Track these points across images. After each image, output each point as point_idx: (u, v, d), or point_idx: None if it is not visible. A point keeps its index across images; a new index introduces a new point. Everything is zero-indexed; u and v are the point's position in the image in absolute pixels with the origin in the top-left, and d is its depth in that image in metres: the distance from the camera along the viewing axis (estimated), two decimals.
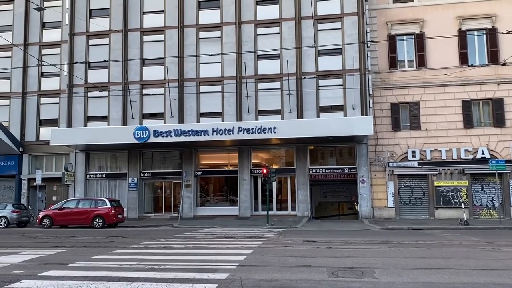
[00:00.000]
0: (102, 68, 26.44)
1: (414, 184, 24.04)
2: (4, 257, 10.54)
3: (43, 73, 28.34)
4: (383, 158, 24.05)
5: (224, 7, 25.76)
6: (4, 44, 27.34)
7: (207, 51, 25.24)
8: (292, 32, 24.87)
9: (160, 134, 23.34)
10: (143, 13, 26.63)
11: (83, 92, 26.55)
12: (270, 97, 24.93)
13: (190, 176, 25.41)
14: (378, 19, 25.12)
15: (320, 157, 25.37)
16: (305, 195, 24.39)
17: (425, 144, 23.86)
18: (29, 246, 13.10)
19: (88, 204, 21.84)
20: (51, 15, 27.74)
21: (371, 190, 23.98)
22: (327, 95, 24.45)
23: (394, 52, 24.91)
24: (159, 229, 19.98)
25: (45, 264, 9.29)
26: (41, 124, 28.06)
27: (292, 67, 24.48)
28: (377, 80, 24.59)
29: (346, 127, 22.21)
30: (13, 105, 28.27)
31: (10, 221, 22.52)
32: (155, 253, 11.13)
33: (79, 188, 26.27)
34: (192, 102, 25.49)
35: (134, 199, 25.87)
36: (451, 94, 24.01)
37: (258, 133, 22.52)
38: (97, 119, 26.47)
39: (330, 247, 11.93)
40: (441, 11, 24.59)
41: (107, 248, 12.30)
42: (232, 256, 10.14)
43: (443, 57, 24.15)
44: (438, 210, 23.43)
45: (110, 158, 26.97)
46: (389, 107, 24.50)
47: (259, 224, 20.63)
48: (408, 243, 13.03)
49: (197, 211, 25.54)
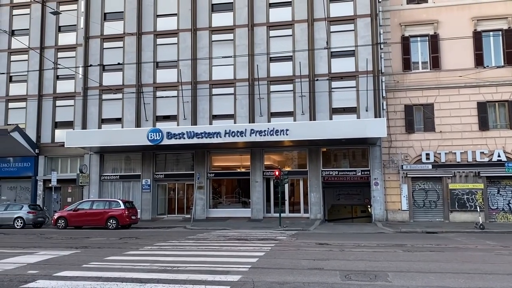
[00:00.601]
0: (116, 70, 26.76)
1: (428, 187, 23.78)
2: (20, 257, 10.70)
3: (59, 76, 28.75)
4: (396, 160, 23.83)
5: (237, 10, 25.85)
6: (21, 47, 27.85)
7: (220, 53, 25.34)
8: (305, 34, 24.83)
9: (173, 136, 23.48)
10: (156, 16, 26.87)
11: (97, 94, 26.87)
12: (282, 99, 24.91)
13: (202, 178, 25.52)
14: (392, 21, 24.95)
15: (333, 159, 25.26)
16: (318, 197, 24.29)
17: (439, 147, 23.60)
18: (45, 246, 13.28)
19: (102, 205, 22.06)
20: (66, 19, 28.15)
21: (384, 192, 23.78)
22: (340, 97, 24.34)
23: (407, 54, 24.70)
24: (172, 231, 20.09)
25: (59, 265, 9.41)
26: (56, 126, 28.46)
27: (305, 69, 24.44)
28: (390, 82, 24.41)
29: (359, 129, 22.07)
30: (29, 108, 28.74)
31: (26, 221, 22.88)
32: (168, 254, 11.19)
33: (94, 190, 26.57)
34: (205, 104, 25.61)
35: (147, 200, 26.06)
36: (466, 96, 23.71)
37: (270, 135, 22.52)
38: (111, 121, 26.78)
39: (343, 250, 11.86)
40: (456, 12, 24.32)
41: (120, 249, 12.41)
42: (245, 258, 10.14)
43: (458, 59, 23.87)
44: (452, 213, 23.13)
45: (124, 159, 27.23)
46: (403, 109, 24.29)
47: (271, 227, 20.60)
48: (422, 246, 12.88)
49: (210, 212, 25.62)
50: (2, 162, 28.36)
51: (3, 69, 29.00)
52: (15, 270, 8.85)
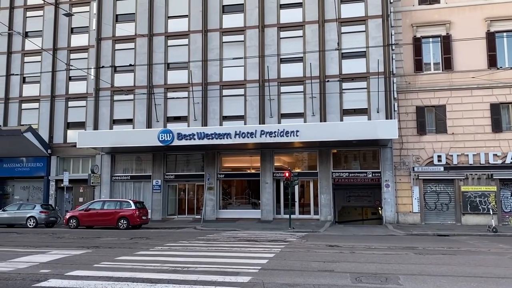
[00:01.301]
0: (127, 72, 26.96)
1: (440, 189, 23.55)
2: (33, 256, 10.83)
3: (71, 77, 29.05)
4: (408, 162, 23.64)
5: (248, 11, 25.88)
6: (34, 49, 28.21)
7: (231, 54, 25.38)
8: (316, 35, 24.77)
9: (184, 137, 23.57)
10: (167, 17, 27.01)
11: (109, 95, 27.09)
12: (293, 100, 24.87)
13: (212, 178, 25.58)
14: (403, 21, 24.77)
15: (344, 161, 25.14)
16: (328, 199, 24.19)
17: (451, 149, 23.36)
18: (56, 246, 13.42)
19: (113, 205, 22.22)
20: (79, 21, 28.44)
21: (395, 194, 23.60)
22: (350, 98, 24.23)
23: (419, 55, 24.50)
24: (182, 231, 20.17)
25: (71, 264, 9.50)
26: (68, 126, 28.75)
27: (315, 70, 24.37)
28: (402, 83, 24.23)
29: (370, 130, 21.94)
30: (42, 108, 29.08)
31: (39, 221, 23.14)
32: (178, 255, 11.23)
33: (105, 190, 26.78)
34: (215, 105, 25.68)
35: (158, 201, 26.20)
36: (479, 97, 23.44)
37: (280, 136, 22.49)
38: (122, 122, 26.98)
39: (354, 252, 11.80)
40: (468, 13, 24.08)
41: (131, 249, 12.49)
42: (254, 260, 10.14)
43: (471, 60, 23.62)
44: (465, 216, 22.87)
45: (135, 160, 27.41)
46: (415, 111, 24.10)
47: (281, 228, 20.57)
48: (434, 249, 12.76)
49: (220, 213, 25.66)
50: (15, 162, 28.73)
51: (16, 70, 29.41)
52: (27, 269, 8.95)
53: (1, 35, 29.93)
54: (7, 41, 29.97)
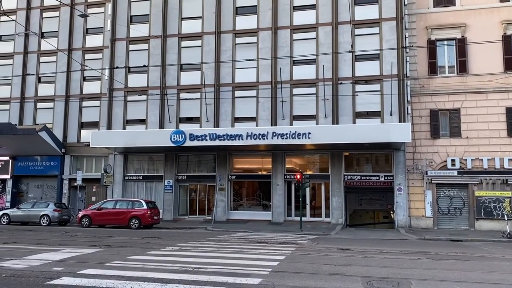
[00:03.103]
0: (141, 72, 27.20)
1: (453, 194, 23.26)
2: (46, 254, 10.95)
3: (85, 77, 29.38)
4: (421, 166, 23.40)
5: (261, 13, 25.91)
6: (50, 49, 28.58)
7: (243, 56, 25.44)
8: (329, 37, 24.69)
9: (196, 138, 23.66)
10: (181, 19, 27.18)
11: (122, 96, 27.33)
12: (305, 102, 24.82)
13: (224, 179, 25.62)
14: (418, 24, 24.55)
15: (356, 164, 24.98)
16: (340, 202, 24.06)
17: (465, 153, 23.06)
18: (69, 244, 13.55)
19: (125, 205, 22.39)
20: (94, 22, 28.79)
21: (408, 198, 23.37)
22: (363, 100, 24.08)
23: (434, 58, 24.25)
24: (193, 232, 20.23)
25: (83, 263, 9.59)
26: (82, 126, 29.06)
27: (328, 72, 24.27)
28: (416, 86, 24.01)
29: (383, 133, 21.76)
30: (57, 108, 29.45)
31: (52, 219, 23.41)
32: (189, 255, 11.26)
33: (117, 189, 27.01)
34: (228, 106, 25.74)
35: (169, 201, 26.33)
36: (494, 101, 23.12)
37: (292, 138, 22.44)
38: (135, 123, 27.19)
39: (365, 256, 11.70)
40: (484, 16, 23.77)
41: (142, 249, 12.56)
42: (265, 262, 10.12)
43: (486, 63, 23.31)
44: (478, 221, 22.55)
45: (147, 160, 27.60)
46: (428, 114, 23.85)
47: (292, 230, 20.51)
48: (447, 254, 12.60)
49: (230, 214, 25.68)
50: (30, 161, 29.14)
51: (32, 70, 29.84)
52: (41, 266, 9.06)
53: (18, 35, 30.45)
54: (23, 42, 30.44)
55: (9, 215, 24.14)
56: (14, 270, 8.55)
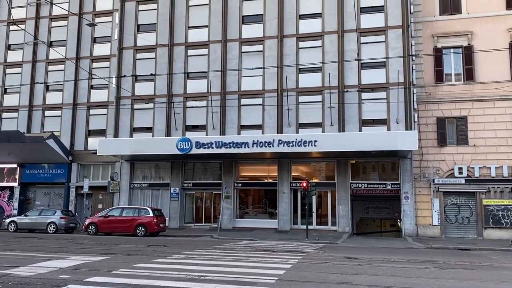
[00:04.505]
0: (148, 81, 27.39)
1: (461, 202, 23.09)
2: (53, 261, 11.00)
3: (93, 86, 29.63)
4: (428, 174, 23.27)
5: (267, 22, 26.04)
6: (58, 58, 28.90)
7: (249, 64, 25.56)
8: (335, 45, 24.75)
9: (202, 146, 23.73)
10: (188, 28, 27.38)
11: (129, 104, 27.51)
12: (311, 110, 24.83)
13: (230, 187, 25.61)
14: (424, 32, 24.55)
15: (362, 172, 24.90)
16: (346, 210, 23.95)
17: (473, 161, 22.92)
18: (76, 252, 13.60)
19: (132, 212, 22.44)
20: (101, 31, 29.08)
21: (415, 207, 23.22)
22: (369, 108, 24.05)
23: (440, 65, 24.21)
24: (199, 240, 20.21)
25: (90, 270, 9.61)
26: (89, 134, 29.25)
27: (334, 80, 24.30)
28: (422, 94, 23.95)
29: (389, 141, 21.69)
30: (64, 116, 29.68)
31: (59, 226, 23.52)
32: (195, 263, 11.25)
33: (124, 197, 27.09)
34: (233, 114, 25.81)
35: (175, 208, 26.35)
36: (501, 109, 23.00)
37: (298, 146, 22.42)
38: (142, 130, 27.32)
39: (372, 264, 11.63)
40: (491, 24, 23.73)
41: (148, 256, 12.57)
42: (271, 270, 10.09)
43: (493, 71, 23.23)
44: (487, 230, 22.34)
45: (153, 168, 27.69)
46: (435, 122, 23.77)
47: (298, 239, 20.43)
48: (455, 263, 12.48)
49: (236, 222, 25.64)
50: (37, 168, 29.34)
51: (41, 78, 30.12)
52: (48, 274, 9.09)
53: (27, 44, 30.80)
54: (32, 50, 30.80)
55: (16, 222, 24.30)
56: (22, 278, 8.60)
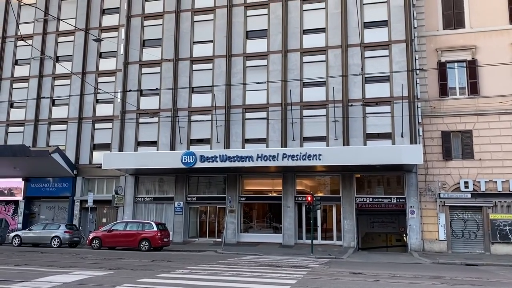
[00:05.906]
0: (153, 95, 27.57)
1: (467, 217, 22.88)
2: (57, 276, 10.94)
3: (98, 100, 29.86)
4: (433, 188, 23.12)
5: (271, 36, 26.25)
6: (64, 72, 29.22)
7: (254, 79, 25.69)
8: (339, 60, 24.87)
9: (206, 159, 23.75)
10: (193, 43, 27.64)
11: (134, 118, 27.66)
12: (315, 124, 24.85)
13: (234, 201, 25.54)
14: (428, 46, 24.66)
15: (367, 186, 24.78)
16: (351, 224, 23.78)
17: (478, 175, 22.77)
18: (80, 266, 13.54)
19: (136, 227, 22.40)
20: (107, 46, 29.37)
21: (421, 221, 23.03)
22: (374, 122, 24.04)
23: (444, 79, 24.25)
24: (203, 254, 20.09)
25: (93, 285, 9.55)
26: (94, 148, 29.37)
27: (338, 94, 24.36)
28: (426, 108, 23.95)
29: (394, 155, 21.64)
30: (69, 130, 29.86)
31: (63, 241, 23.48)
32: (199, 278, 11.15)
33: (128, 211, 27.05)
34: (238, 128, 25.87)
35: (179, 223, 26.26)
36: (507, 122, 22.93)
37: (303, 159, 22.40)
38: (147, 144, 27.39)
39: (378, 280, 11.49)
40: (494, 38, 23.81)
41: (152, 271, 12.49)
42: (276, 286, 9.99)
43: (498, 84, 23.23)
44: (494, 245, 22.08)
45: (157, 182, 27.69)
46: (440, 136, 23.71)
47: (303, 253, 20.26)
48: (462, 279, 12.31)
49: (241, 237, 25.49)
50: (42, 182, 29.42)
51: (47, 93, 30.40)
52: None
53: (34, 59, 31.17)
54: (39, 65, 31.15)
55: (20, 236, 24.30)
56: None
